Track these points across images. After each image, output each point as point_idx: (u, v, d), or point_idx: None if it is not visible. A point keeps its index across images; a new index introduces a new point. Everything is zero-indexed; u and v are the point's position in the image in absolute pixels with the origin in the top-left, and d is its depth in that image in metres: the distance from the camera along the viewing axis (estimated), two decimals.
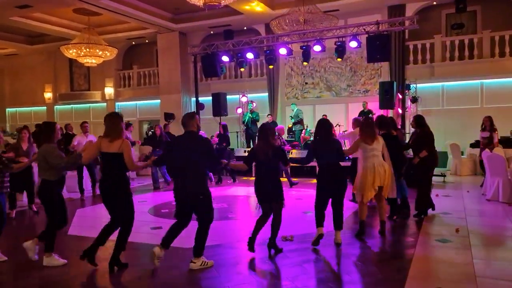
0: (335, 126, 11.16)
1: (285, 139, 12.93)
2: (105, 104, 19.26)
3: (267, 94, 15.69)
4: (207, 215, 4.55)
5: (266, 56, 12.59)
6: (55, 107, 20.63)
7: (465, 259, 4.71)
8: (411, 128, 9.19)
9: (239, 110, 15.34)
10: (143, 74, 18.24)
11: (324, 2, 12.90)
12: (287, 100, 15.59)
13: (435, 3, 13.74)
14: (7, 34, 17.36)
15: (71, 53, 13.77)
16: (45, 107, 20.73)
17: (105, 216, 7.59)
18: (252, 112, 14.19)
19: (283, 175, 9.48)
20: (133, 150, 4.68)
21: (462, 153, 12.33)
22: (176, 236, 4.58)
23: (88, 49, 13.66)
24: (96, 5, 12.91)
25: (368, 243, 5.50)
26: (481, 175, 10.12)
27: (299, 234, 5.71)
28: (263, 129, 5.08)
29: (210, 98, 13.93)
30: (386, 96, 11.36)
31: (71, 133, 11.63)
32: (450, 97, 13.75)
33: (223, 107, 13.65)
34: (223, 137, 11.01)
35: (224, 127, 11.35)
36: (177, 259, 4.84)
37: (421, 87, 13.57)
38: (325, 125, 5.43)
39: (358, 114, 13.06)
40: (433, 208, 6.87)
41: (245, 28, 15.95)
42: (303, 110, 14.03)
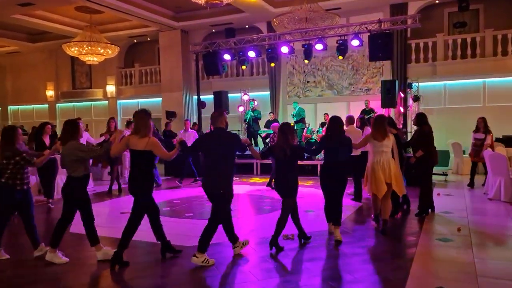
0: None
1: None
2: (106, 102, 19.29)
3: (268, 92, 15.69)
4: (222, 212, 4.67)
5: (267, 54, 12.57)
6: (57, 105, 20.67)
7: (466, 258, 4.69)
8: (413, 126, 9.18)
9: (241, 109, 15.33)
10: (144, 72, 18.25)
11: (326, 0, 12.88)
12: (289, 99, 15.58)
13: (437, 1, 13.69)
14: (9, 32, 17.39)
15: (73, 51, 13.78)
16: (47, 105, 20.78)
17: (105, 214, 7.64)
18: (253, 110, 14.18)
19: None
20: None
21: (464, 152, 12.28)
22: (230, 229, 4.87)
23: (90, 47, 13.66)
24: (98, 3, 12.91)
25: (369, 242, 5.50)
26: (483, 174, 10.08)
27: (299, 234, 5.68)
28: (284, 128, 5.19)
29: (212, 96, 13.92)
30: (388, 95, 11.32)
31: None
32: (452, 96, 13.72)
33: (224, 105, 13.62)
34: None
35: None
36: (178, 257, 4.85)
37: (423, 85, 13.52)
38: (338, 122, 5.48)
39: (359, 112, 13.05)
40: (432, 210, 6.87)
41: (246, 26, 15.94)
42: (305, 109, 14.01)
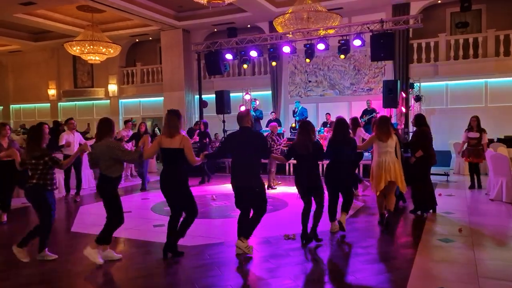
0: None
1: (288, 137, 12.91)
2: (108, 101, 19.32)
3: (270, 92, 15.69)
4: (262, 206, 4.90)
5: (269, 54, 12.58)
6: (59, 104, 20.72)
7: (468, 259, 4.69)
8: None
9: (242, 108, 15.33)
10: (146, 71, 18.26)
11: (328, 0, 12.87)
12: (290, 98, 15.58)
13: (439, 1, 13.67)
14: (11, 31, 17.42)
15: (74, 50, 13.79)
16: (49, 104, 20.83)
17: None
18: (255, 110, 14.18)
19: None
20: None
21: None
22: (245, 224, 4.94)
23: (91, 46, 13.67)
24: (99, 2, 12.92)
25: (370, 242, 5.50)
26: (486, 174, 10.06)
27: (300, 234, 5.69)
28: (305, 125, 5.37)
29: (214, 95, 13.94)
30: (390, 95, 11.32)
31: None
32: (454, 96, 13.70)
33: (226, 104, 13.65)
34: (204, 134, 11.02)
35: (205, 124, 11.41)
36: (179, 257, 4.85)
37: (425, 85, 13.53)
38: (344, 124, 5.78)
39: (361, 112, 13.05)
40: (434, 210, 6.89)
41: (248, 26, 15.95)
42: (306, 108, 14.01)
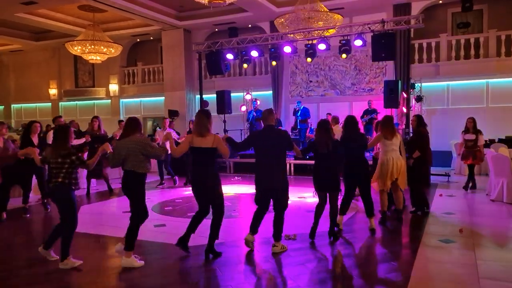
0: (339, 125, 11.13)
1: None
2: (109, 100, 19.33)
3: (271, 91, 15.68)
4: (285, 203, 5.03)
5: (270, 54, 12.57)
6: (60, 103, 20.73)
7: (468, 259, 4.69)
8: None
9: (243, 108, 15.34)
10: (147, 71, 18.26)
11: (329, 0, 12.86)
12: (291, 98, 15.58)
13: (441, 1, 13.66)
14: (12, 30, 17.42)
15: (76, 49, 13.79)
16: (50, 104, 20.84)
17: (107, 213, 7.66)
18: (256, 110, 14.18)
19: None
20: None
21: None
22: (261, 221, 5.07)
23: (92, 46, 13.67)
24: (101, 2, 12.91)
25: (370, 242, 5.50)
26: (486, 175, 10.06)
27: (302, 233, 5.69)
28: (324, 123, 5.50)
29: (215, 95, 13.93)
30: (391, 95, 11.29)
31: (75, 129, 11.64)
32: (455, 97, 13.69)
33: (227, 104, 13.63)
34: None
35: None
36: (179, 256, 4.86)
37: (426, 86, 13.51)
38: (353, 122, 6.01)
39: (362, 112, 13.05)
40: (427, 208, 6.98)
41: (249, 25, 15.94)
42: (308, 108, 14.00)
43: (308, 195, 8.49)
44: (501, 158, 7.96)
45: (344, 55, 11.78)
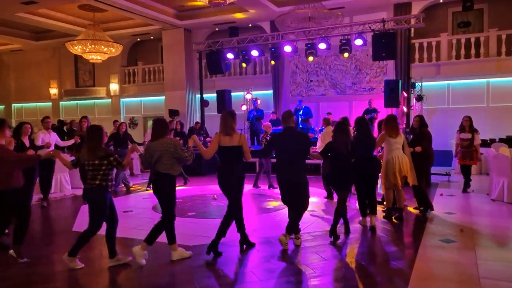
0: None
1: None
2: (109, 100, 19.34)
3: (271, 91, 15.67)
4: (306, 202, 5.21)
5: (271, 53, 12.57)
6: (60, 103, 20.74)
7: (469, 259, 4.68)
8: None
9: (244, 107, 15.34)
10: (148, 70, 18.26)
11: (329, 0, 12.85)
12: (292, 98, 15.57)
13: (441, 1, 13.65)
14: (13, 30, 17.43)
15: (76, 49, 13.79)
16: (51, 103, 20.85)
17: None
18: (256, 109, 14.18)
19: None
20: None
21: None
22: (299, 220, 5.24)
23: (93, 46, 13.66)
24: (101, 1, 12.92)
25: (371, 242, 5.50)
26: (487, 174, 10.04)
27: (302, 233, 5.68)
28: (343, 124, 5.66)
29: (215, 95, 13.94)
30: (391, 94, 11.31)
31: (75, 129, 11.65)
32: (455, 96, 13.68)
33: (227, 104, 13.65)
34: (179, 134, 11.00)
35: (182, 124, 11.41)
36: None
37: (426, 85, 13.50)
38: (365, 123, 6.23)
39: (362, 112, 13.04)
40: (431, 209, 6.88)
41: (250, 25, 15.93)
42: (309, 107, 14.00)
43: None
44: (502, 158, 7.96)
45: (346, 54, 11.80)
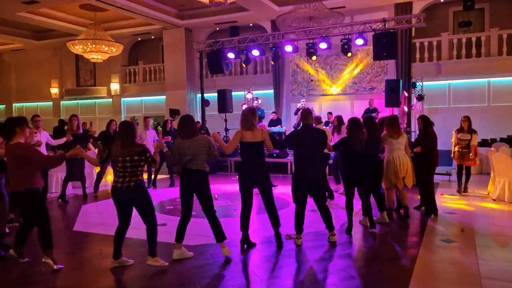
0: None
1: None
2: (110, 99, 19.35)
3: (272, 90, 15.67)
4: (325, 196, 5.46)
5: (272, 53, 12.56)
6: (61, 102, 20.75)
7: (470, 259, 4.68)
8: (417, 126, 9.08)
9: (244, 107, 15.32)
10: (148, 70, 18.27)
11: None
12: (293, 97, 15.57)
13: (442, 0, 13.63)
14: (14, 30, 17.45)
15: (77, 49, 13.80)
16: (51, 102, 20.86)
17: (108, 212, 7.65)
18: (257, 109, 14.18)
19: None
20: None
21: None
22: (304, 219, 5.33)
23: (94, 45, 13.67)
24: (102, 1, 12.93)
25: (372, 241, 5.50)
26: (487, 174, 10.02)
27: (303, 233, 5.68)
28: (356, 121, 5.75)
29: (216, 94, 13.94)
30: (392, 94, 11.29)
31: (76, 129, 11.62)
32: (456, 96, 13.66)
33: (228, 103, 13.66)
34: (168, 133, 10.98)
35: (171, 123, 11.40)
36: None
37: (427, 85, 13.48)
38: (373, 123, 6.29)
39: (363, 111, 13.03)
40: (435, 214, 6.70)
41: (251, 24, 15.93)
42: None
43: None
44: (503, 158, 7.96)
45: (349, 54, 11.80)
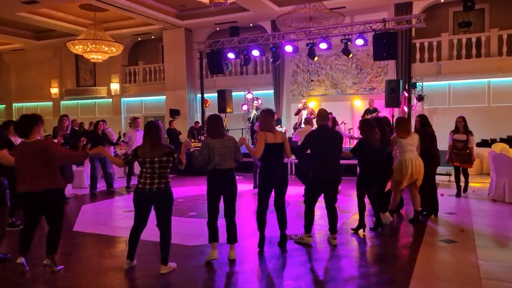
0: (340, 124, 11.10)
1: (289, 136, 12.88)
2: (110, 100, 19.35)
3: (272, 91, 15.67)
4: (336, 196, 5.47)
5: (272, 53, 12.56)
6: (61, 102, 20.75)
7: (470, 260, 4.68)
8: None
9: (244, 107, 15.34)
10: (148, 70, 18.27)
11: None
12: (293, 97, 15.57)
13: (442, 1, 13.63)
14: (14, 30, 17.45)
15: (77, 49, 13.80)
16: (51, 102, 20.86)
17: (108, 212, 7.66)
18: (257, 109, 14.18)
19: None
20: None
21: None
22: (314, 218, 5.41)
23: (94, 45, 13.67)
24: (102, 1, 12.94)
25: (372, 243, 5.50)
26: (488, 174, 10.02)
27: (303, 233, 5.68)
28: (368, 122, 5.81)
29: (216, 94, 13.94)
30: (392, 94, 11.31)
31: (76, 128, 11.65)
32: (456, 96, 13.66)
33: (228, 103, 13.66)
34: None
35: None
36: (180, 256, 4.86)
37: (427, 85, 13.49)
38: (383, 122, 6.31)
39: (363, 112, 13.04)
40: (435, 214, 6.70)
41: (251, 25, 15.93)
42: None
43: None
44: (503, 158, 7.96)
45: (351, 54, 11.82)
